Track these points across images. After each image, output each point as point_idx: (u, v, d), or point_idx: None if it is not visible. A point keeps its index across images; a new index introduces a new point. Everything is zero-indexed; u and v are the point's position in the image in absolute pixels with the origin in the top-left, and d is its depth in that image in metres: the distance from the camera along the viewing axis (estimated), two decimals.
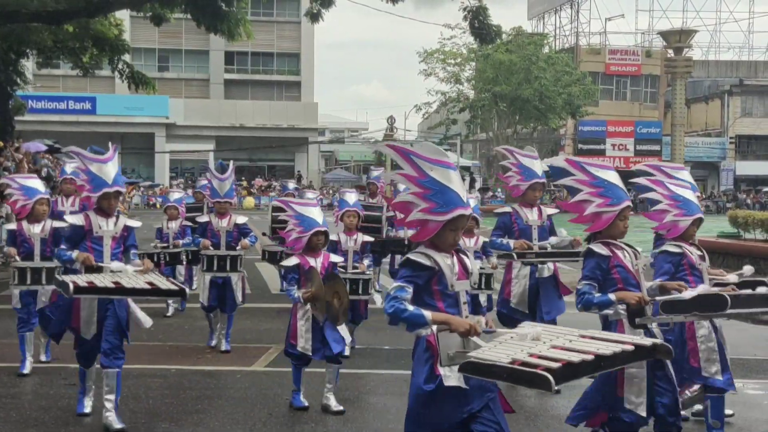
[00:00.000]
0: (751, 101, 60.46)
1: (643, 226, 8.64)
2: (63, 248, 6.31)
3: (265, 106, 59.04)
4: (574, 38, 60.81)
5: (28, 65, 31.48)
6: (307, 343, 6.58)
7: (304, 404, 6.74)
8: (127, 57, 25.52)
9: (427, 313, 3.91)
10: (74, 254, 6.18)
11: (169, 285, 5.98)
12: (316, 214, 6.75)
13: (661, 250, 5.57)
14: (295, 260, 6.70)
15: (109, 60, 24.46)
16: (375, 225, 10.70)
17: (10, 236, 7.91)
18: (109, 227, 6.32)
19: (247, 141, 55.88)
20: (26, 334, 7.83)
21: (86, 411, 6.44)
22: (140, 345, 8.40)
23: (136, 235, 6.63)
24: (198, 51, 60.81)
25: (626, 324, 4.81)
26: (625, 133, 56.99)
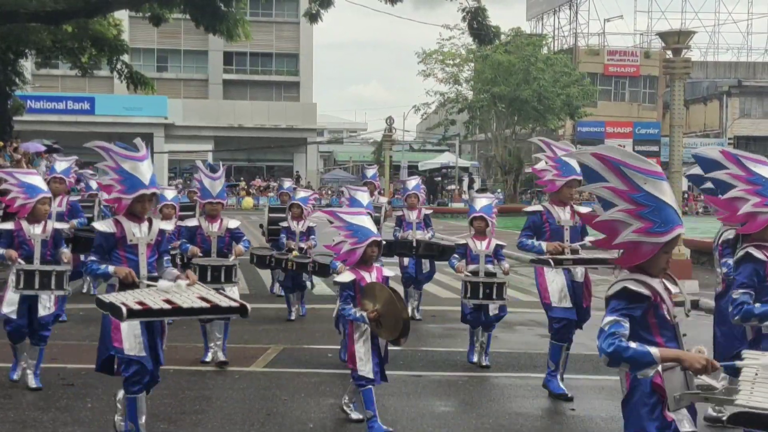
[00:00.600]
0: (750, 102, 60.42)
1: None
2: (93, 260, 5.50)
3: (263, 106, 59.14)
4: (573, 39, 60.84)
5: (27, 65, 31.43)
6: (366, 366, 5.90)
7: (389, 431, 5.83)
8: (125, 57, 25.46)
9: (654, 350, 3.42)
10: (111, 268, 5.42)
11: (230, 302, 5.18)
12: (368, 222, 6.11)
13: (743, 255, 4.65)
14: (350, 275, 6.03)
15: (108, 60, 24.40)
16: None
17: (5, 237, 7.14)
18: (143, 233, 5.56)
19: (246, 141, 55.97)
20: (18, 346, 7.29)
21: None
22: None
23: None
24: (197, 51, 60.92)
25: None
26: (623, 134, 56.94)
